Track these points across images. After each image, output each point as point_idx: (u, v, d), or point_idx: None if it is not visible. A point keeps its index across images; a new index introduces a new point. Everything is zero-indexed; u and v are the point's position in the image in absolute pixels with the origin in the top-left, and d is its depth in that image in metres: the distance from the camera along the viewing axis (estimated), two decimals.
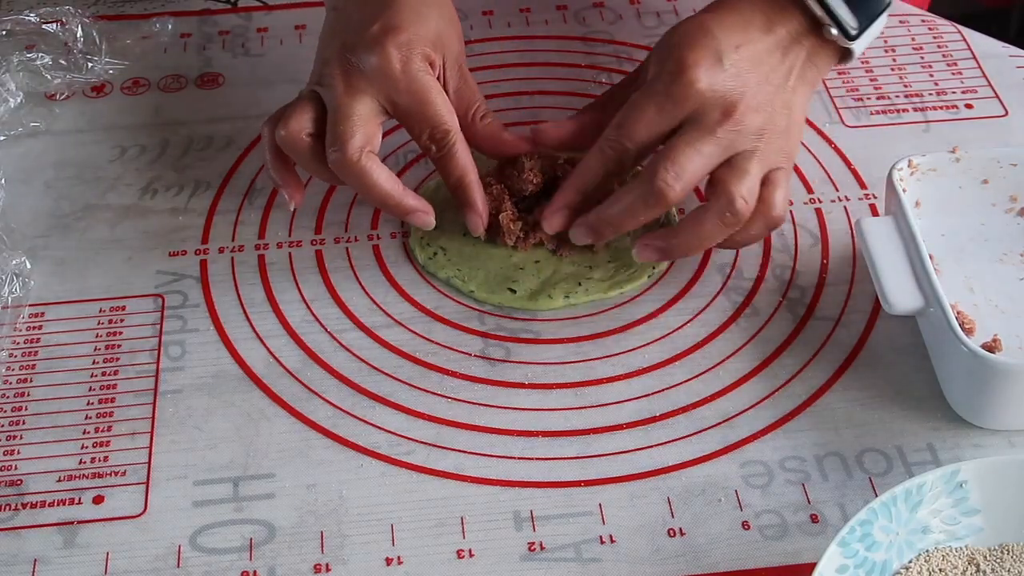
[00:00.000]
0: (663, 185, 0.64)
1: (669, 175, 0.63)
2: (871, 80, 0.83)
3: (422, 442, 0.64)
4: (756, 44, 0.65)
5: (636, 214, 0.66)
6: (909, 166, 0.70)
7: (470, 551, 0.59)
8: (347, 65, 0.66)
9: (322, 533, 0.60)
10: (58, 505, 0.61)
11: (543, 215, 0.69)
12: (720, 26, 0.65)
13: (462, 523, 0.60)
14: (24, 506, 0.61)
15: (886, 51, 0.85)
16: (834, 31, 0.66)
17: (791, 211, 0.75)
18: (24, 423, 0.65)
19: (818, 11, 0.66)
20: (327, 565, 0.59)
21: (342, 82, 0.66)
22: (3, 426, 0.64)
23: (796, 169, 0.77)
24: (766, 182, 0.65)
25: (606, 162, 0.66)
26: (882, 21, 0.68)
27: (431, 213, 0.69)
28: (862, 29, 0.66)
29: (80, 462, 0.63)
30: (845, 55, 0.68)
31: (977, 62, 0.84)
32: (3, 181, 0.77)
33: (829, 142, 0.79)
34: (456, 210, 0.70)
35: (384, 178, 0.67)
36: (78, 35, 0.86)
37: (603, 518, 0.60)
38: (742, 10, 0.66)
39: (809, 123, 0.80)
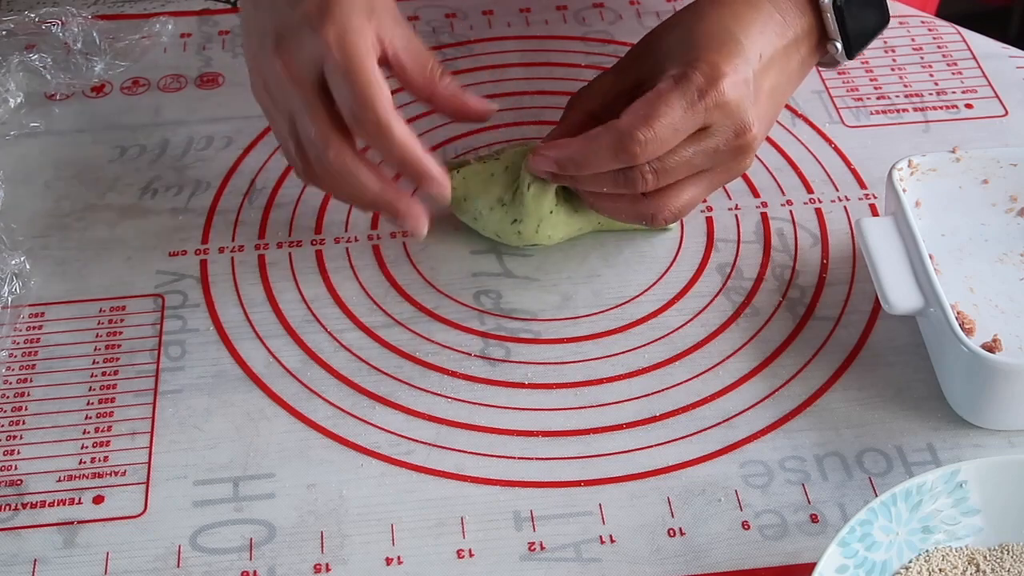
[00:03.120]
0: (642, 176, 0.63)
1: (651, 171, 0.63)
2: (871, 80, 0.83)
3: (422, 442, 0.64)
4: (774, 49, 0.65)
5: (603, 182, 0.65)
6: (909, 166, 0.70)
7: (470, 551, 0.59)
8: (286, 56, 0.62)
9: (322, 533, 0.60)
10: (58, 505, 0.61)
11: (534, 151, 0.66)
12: (744, 31, 0.64)
13: (462, 523, 0.60)
14: (24, 506, 0.61)
15: (886, 51, 0.86)
16: (839, 46, 0.66)
17: (791, 211, 0.75)
18: (24, 423, 0.65)
19: (832, 26, 0.65)
20: (327, 565, 0.59)
21: (287, 73, 0.62)
22: (3, 426, 0.64)
23: (796, 169, 0.78)
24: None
25: (620, 151, 0.63)
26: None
27: (446, 184, 0.64)
28: (860, 48, 0.67)
29: (80, 462, 0.63)
30: (827, 63, 0.69)
31: (977, 62, 0.85)
32: (3, 181, 0.77)
33: (829, 142, 0.79)
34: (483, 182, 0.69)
35: (367, 171, 0.64)
36: (78, 35, 0.86)
37: (603, 518, 0.60)
38: (761, 7, 0.65)
39: (809, 123, 0.80)
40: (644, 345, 0.68)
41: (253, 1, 0.66)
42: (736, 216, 0.75)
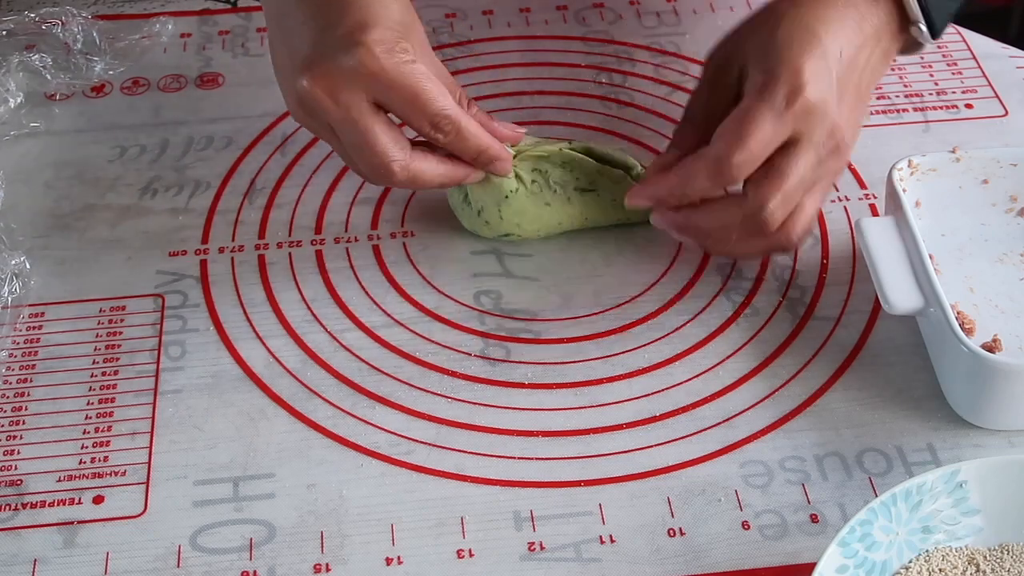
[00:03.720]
0: (770, 217, 0.63)
1: (778, 208, 0.63)
2: None
3: (422, 442, 0.64)
4: (853, 45, 0.64)
5: (730, 232, 0.65)
6: (909, 166, 0.70)
7: (470, 551, 0.59)
8: (326, 80, 0.61)
9: (322, 533, 0.60)
10: (58, 505, 0.61)
11: (630, 191, 0.67)
12: (825, 27, 0.63)
13: (462, 523, 0.60)
14: (24, 506, 0.61)
15: None
16: (923, 27, 0.65)
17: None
18: (24, 423, 0.65)
19: (913, 7, 0.64)
20: (327, 565, 0.59)
21: (331, 102, 0.62)
22: (3, 426, 0.64)
23: None
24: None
25: (718, 175, 0.63)
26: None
27: (510, 159, 0.67)
28: (944, 26, 0.65)
29: (80, 462, 0.63)
30: (908, 50, 0.67)
31: (977, 62, 0.85)
32: (3, 181, 0.77)
33: None
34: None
35: (436, 163, 0.65)
36: (78, 35, 0.86)
37: (603, 518, 0.60)
38: (837, 2, 0.64)
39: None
40: (644, 345, 0.68)
41: (279, 26, 0.65)
42: None
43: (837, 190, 0.76)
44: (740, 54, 0.65)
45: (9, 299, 0.70)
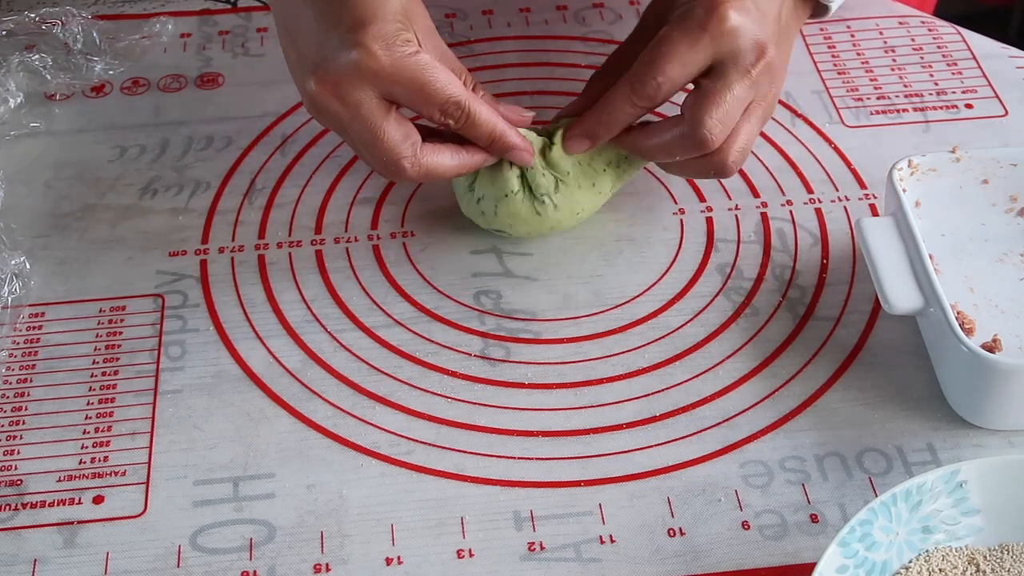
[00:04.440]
0: (708, 135, 0.64)
1: (716, 125, 0.64)
2: (871, 80, 0.83)
3: (422, 442, 0.64)
4: None
5: (673, 153, 0.67)
6: (909, 166, 0.70)
7: (470, 551, 0.59)
8: (332, 82, 0.62)
9: (322, 533, 0.60)
10: (58, 505, 0.61)
11: (565, 137, 0.68)
12: None
13: (462, 523, 0.60)
14: (24, 506, 0.61)
15: (886, 51, 0.86)
16: None
17: (791, 211, 0.75)
18: (24, 423, 0.65)
19: None
20: (327, 565, 0.59)
21: (339, 103, 0.62)
22: (3, 426, 0.64)
23: (796, 169, 0.78)
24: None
25: (637, 100, 0.65)
26: None
27: (530, 149, 0.67)
28: None
29: (80, 462, 0.63)
30: (817, 11, 0.70)
31: (977, 62, 0.85)
32: (3, 181, 0.77)
33: (829, 142, 0.79)
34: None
35: (449, 156, 0.66)
36: (78, 35, 0.86)
37: (603, 518, 0.60)
38: None
39: (809, 123, 0.80)
40: (644, 345, 0.68)
41: (287, 34, 0.66)
42: (736, 216, 0.75)
43: (837, 191, 0.76)
44: (662, 7, 0.67)
45: (9, 299, 0.70)
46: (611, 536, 0.59)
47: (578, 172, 0.69)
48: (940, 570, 0.56)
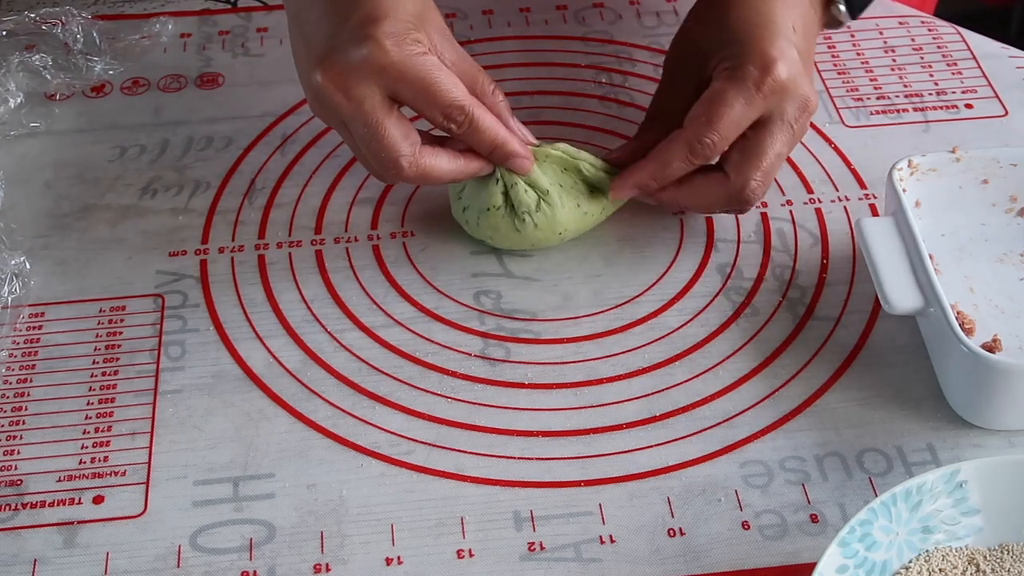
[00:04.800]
0: (752, 195, 0.66)
1: (759, 185, 0.66)
2: (871, 80, 0.83)
3: (422, 442, 0.64)
4: (802, 18, 0.67)
5: (712, 210, 0.70)
6: (909, 166, 0.70)
7: (470, 551, 0.59)
8: (338, 74, 0.62)
9: (322, 533, 0.60)
10: (58, 505, 0.61)
11: (613, 184, 0.69)
12: (775, 8, 0.66)
13: (462, 523, 0.60)
14: (24, 506, 0.61)
15: (886, 51, 0.86)
16: (842, 7, 0.68)
17: (791, 211, 0.75)
18: (24, 423, 0.65)
19: None
20: (327, 565, 0.59)
21: (343, 96, 0.62)
22: (3, 426, 0.64)
23: (796, 169, 0.78)
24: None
25: (693, 158, 0.66)
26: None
27: (531, 157, 0.68)
28: (863, 8, 0.68)
29: (80, 462, 0.63)
30: (830, 25, 0.71)
31: (977, 62, 0.85)
32: (3, 181, 0.77)
33: (829, 142, 0.79)
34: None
35: (447, 160, 0.66)
36: (78, 35, 0.86)
37: (603, 518, 0.60)
38: None
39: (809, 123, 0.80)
40: (644, 345, 0.68)
41: (297, 25, 0.66)
42: (736, 216, 0.75)
43: (837, 191, 0.76)
44: (696, 48, 0.68)
45: (9, 299, 0.70)
46: (611, 536, 0.59)
47: (561, 192, 0.69)
48: (940, 570, 0.56)
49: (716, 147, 0.65)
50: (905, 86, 0.83)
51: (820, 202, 0.75)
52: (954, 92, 0.82)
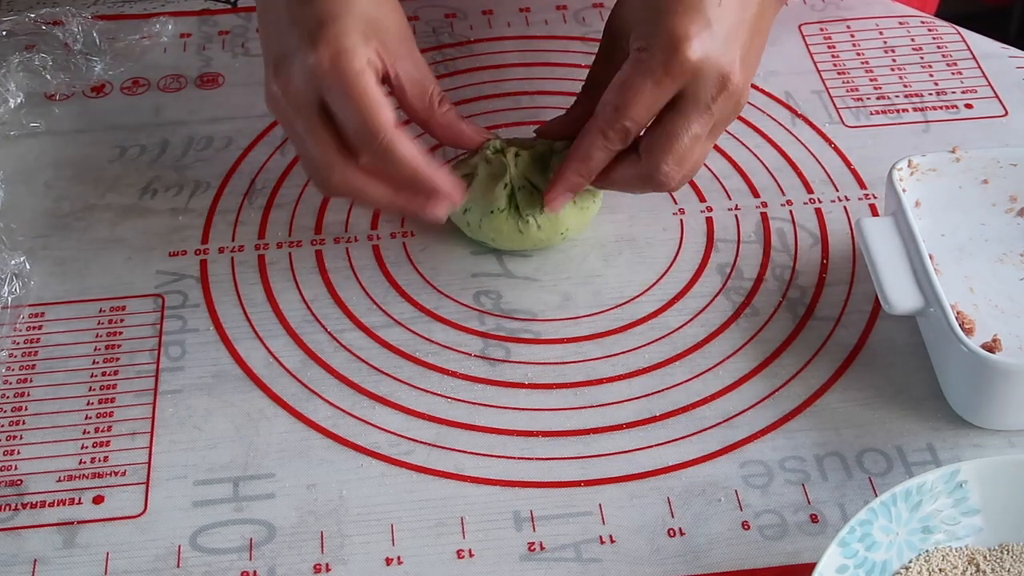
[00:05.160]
0: (665, 178, 0.64)
1: (673, 168, 0.63)
2: (871, 80, 0.83)
3: (422, 442, 0.64)
4: None
5: (632, 190, 0.68)
6: (909, 166, 0.70)
7: (470, 551, 0.59)
8: (282, 78, 0.62)
9: (322, 533, 0.60)
10: (58, 505, 0.61)
11: (546, 197, 0.67)
12: None
13: (462, 523, 0.60)
14: (24, 506, 0.61)
15: (886, 51, 0.86)
16: None
17: (791, 211, 0.75)
18: (24, 423, 0.65)
19: None
20: (327, 565, 0.59)
21: (284, 101, 0.62)
22: (3, 426, 0.64)
23: (796, 169, 0.78)
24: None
25: (609, 144, 0.64)
26: None
27: (453, 201, 0.65)
28: None
29: (80, 462, 0.63)
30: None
31: (977, 62, 0.85)
32: (3, 181, 0.77)
33: (829, 142, 0.79)
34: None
35: (382, 185, 0.64)
36: (78, 35, 0.86)
37: (603, 518, 0.60)
38: None
39: (809, 123, 0.80)
40: (644, 345, 0.68)
41: (263, 24, 0.66)
42: (736, 216, 0.75)
43: (837, 191, 0.76)
44: (622, 23, 0.65)
45: (9, 299, 0.70)
46: (611, 536, 0.59)
47: None
48: (940, 570, 0.56)
49: (630, 131, 0.63)
50: (905, 86, 0.83)
51: (820, 202, 0.75)
52: (954, 92, 0.82)
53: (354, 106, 0.61)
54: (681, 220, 0.75)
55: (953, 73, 0.84)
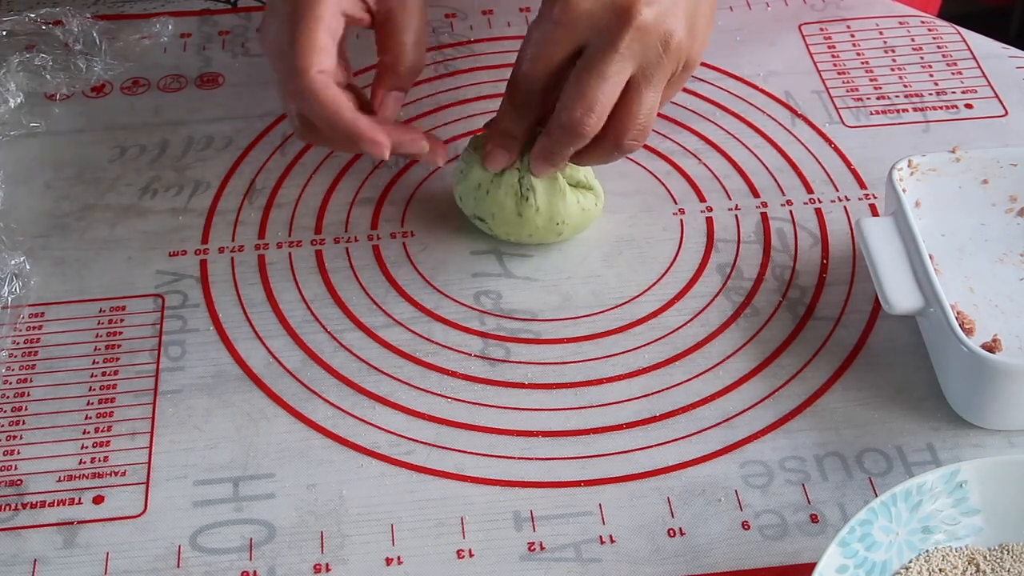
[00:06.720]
0: (629, 147, 0.64)
1: (585, 114, 0.62)
2: (871, 80, 0.83)
3: (422, 442, 0.64)
4: None
5: (562, 149, 0.65)
6: (909, 166, 0.70)
7: (470, 551, 0.59)
8: (264, 30, 0.66)
9: (322, 533, 0.60)
10: (58, 505, 0.61)
11: (535, 167, 0.67)
12: None
13: (462, 523, 0.60)
14: (24, 506, 0.61)
15: (886, 51, 0.86)
16: None
17: (791, 211, 0.75)
18: (24, 423, 0.65)
19: None
20: (327, 565, 0.59)
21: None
22: (3, 426, 0.64)
23: (796, 169, 0.78)
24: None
25: (578, 140, 0.64)
26: None
27: (387, 145, 0.63)
28: None
29: (80, 462, 0.63)
30: None
31: (977, 62, 0.85)
32: (3, 181, 0.77)
33: (829, 142, 0.79)
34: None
35: (349, 104, 0.63)
36: (78, 35, 0.86)
37: (603, 518, 0.60)
38: None
39: (809, 123, 0.80)
40: (644, 345, 0.68)
41: (270, 5, 0.66)
42: (736, 216, 0.75)
43: (837, 191, 0.76)
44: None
45: (9, 299, 0.70)
46: (611, 536, 0.59)
47: (563, 182, 0.69)
48: (940, 570, 0.56)
49: (533, 93, 0.64)
50: (905, 86, 0.83)
51: (820, 202, 0.75)
52: (954, 92, 0.82)
53: (288, 51, 0.63)
54: (681, 220, 0.75)
55: (953, 73, 0.84)
